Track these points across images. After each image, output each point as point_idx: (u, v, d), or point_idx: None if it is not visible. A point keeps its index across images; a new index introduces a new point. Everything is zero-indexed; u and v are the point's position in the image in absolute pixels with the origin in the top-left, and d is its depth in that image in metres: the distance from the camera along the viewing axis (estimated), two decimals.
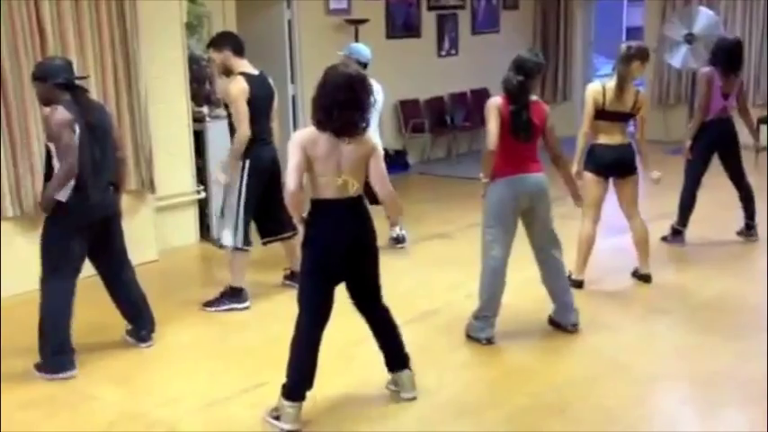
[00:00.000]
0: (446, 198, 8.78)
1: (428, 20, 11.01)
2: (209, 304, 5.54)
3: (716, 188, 6.94)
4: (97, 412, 4.17)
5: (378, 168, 3.85)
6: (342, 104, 3.66)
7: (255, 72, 5.48)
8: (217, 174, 5.52)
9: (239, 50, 5.48)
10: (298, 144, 3.73)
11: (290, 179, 3.70)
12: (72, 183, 4.46)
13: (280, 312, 5.23)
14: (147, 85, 6.48)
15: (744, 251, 6.65)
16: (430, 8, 11.02)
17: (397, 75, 9.78)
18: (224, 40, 5.53)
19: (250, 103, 5.32)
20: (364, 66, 6.44)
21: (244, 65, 5.46)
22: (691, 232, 6.74)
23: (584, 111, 5.57)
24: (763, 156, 10.12)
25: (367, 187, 3.96)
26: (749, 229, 6.82)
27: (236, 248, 5.48)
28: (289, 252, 5.80)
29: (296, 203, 3.79)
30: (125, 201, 5.00)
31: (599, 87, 5.54)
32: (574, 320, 4.97)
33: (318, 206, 3.83)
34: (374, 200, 4.07)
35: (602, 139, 5.55)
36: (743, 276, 6.03)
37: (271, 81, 5.65)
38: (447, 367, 4.58)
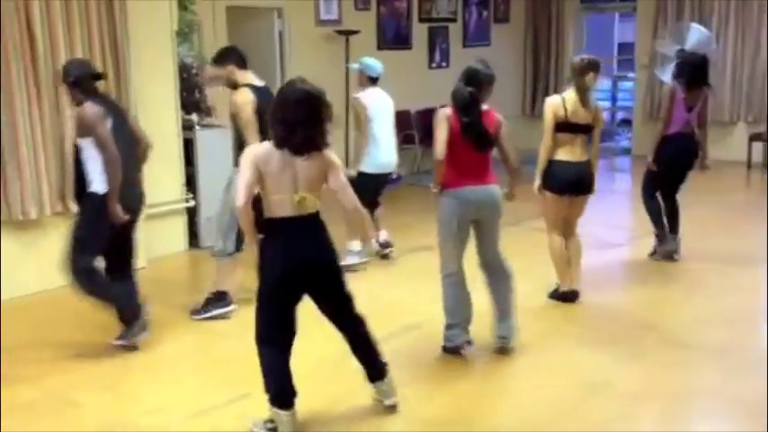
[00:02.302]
0: (435, 210, 8.73)
1: (419, 32, 11.04)
2: (196, 312, 5.51)
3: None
4: (81, 419, 4.11)
5: (339, 183, 3.76)
6: (302, 121, 3.59)
7: (260, 83, 5.48)
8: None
9: (243, 63, 5.47)
10: (251, 160, 3.67)
11: (241, 194, 3.62)
12: (107, 174, 4.61)
13: None
14: (136, 92, 6.45)
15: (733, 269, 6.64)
16: (421, 20, 11.05)
17: (388, 86, 9.70)
18: (227, 55, 5.51)
19: (256, 113, 5.26)
20: (375, 79, 6.61)
21: (248, 77, 5.45)
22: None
23: (545, 123, 5.42)
24: (757, 172, 10.18)
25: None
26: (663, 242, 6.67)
27: (226, 254, 5.47)
28: None
29: (247, 219, 3.69)
30: None
31: (558, 100, 5.44)
32: (511, 343, 4.79)
33: (273, 225, 3.71)
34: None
35: (563, 156, 5.43)
36: (734, 290, 6.01)
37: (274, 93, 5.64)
38: (430, 381, 4.53)
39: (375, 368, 4.07)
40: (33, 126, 5.82)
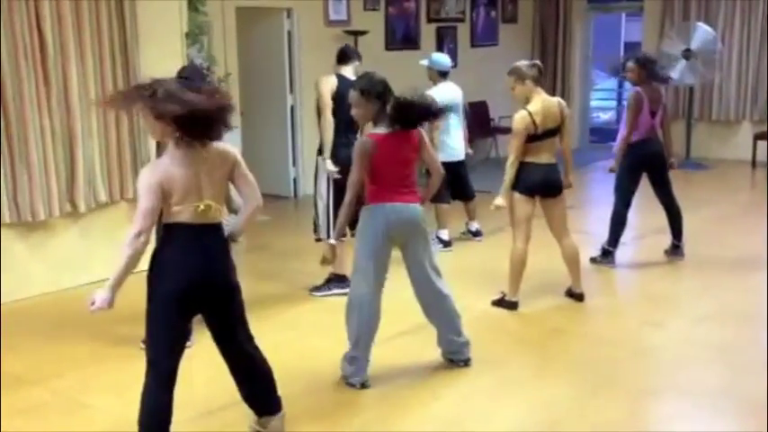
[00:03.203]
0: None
1: (427, 32, 11.07)
2: (316, 289, 5.88)
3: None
4: (90, 420, 4.15)
5: (245, 178, 3.48)
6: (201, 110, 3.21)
7: (351, 77, 5.71)
8: (328, 167, 5.72)
9: (343, 59, 5.90)
10: (153, 183, 3.25)
11: (140, 223, 3.23)
12: None
13: (283, 321, 5.24)
14: None
15: (737, 265, 6.65)
16: (429, 20, 11.08)
17: (396, 86, 9.70)
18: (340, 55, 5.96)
19: (336, 100, 5.58)
20: (445, 73, 6.90)
21: (342, 69, 5.83)
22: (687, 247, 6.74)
23: (516, 141, 5.31)
24: (762, 171, 10.17)
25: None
26: (675, 249, 6.69)
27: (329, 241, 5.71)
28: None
29: (143, 250, 3.27)
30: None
31: (526, 115, 5.29)
32: (467, 355, 4.68)
33: (173, 231, 3.37)
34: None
35: (532, 158, 5.37)
36: (740, 289, 6.03)
37: None
38: (438, 382, 4.54)
39: (270, 402, 3.79)
40: (43, 126, 5.87)
